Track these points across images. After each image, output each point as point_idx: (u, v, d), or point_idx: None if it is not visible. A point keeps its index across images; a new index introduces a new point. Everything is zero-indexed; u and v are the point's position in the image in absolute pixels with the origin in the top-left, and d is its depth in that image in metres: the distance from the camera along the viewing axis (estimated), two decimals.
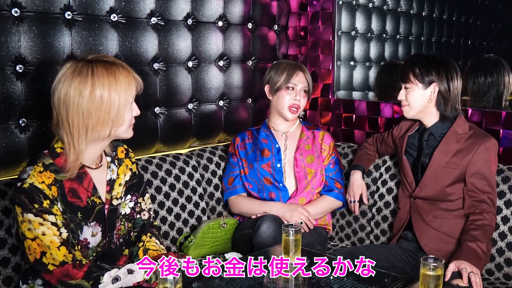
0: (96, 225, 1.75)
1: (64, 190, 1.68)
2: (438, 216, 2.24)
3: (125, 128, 1.71)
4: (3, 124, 2.09)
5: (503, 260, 2.28)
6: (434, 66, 2.20)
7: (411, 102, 2.24)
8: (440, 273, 1.58)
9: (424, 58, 2.23)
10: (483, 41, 2.93)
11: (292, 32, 3.15)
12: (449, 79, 2.21)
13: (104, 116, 1.64)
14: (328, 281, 1.76)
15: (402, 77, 2.26)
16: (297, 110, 2.52)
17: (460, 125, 2.23)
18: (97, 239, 1.76)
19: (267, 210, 2.43)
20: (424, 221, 2.26)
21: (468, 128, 2.23)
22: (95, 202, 1.75)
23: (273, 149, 2.55)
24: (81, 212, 1.71)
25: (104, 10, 2.32)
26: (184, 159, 2.58)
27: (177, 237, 2.47)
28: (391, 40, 3.14)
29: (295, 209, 2.42)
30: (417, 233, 2.26)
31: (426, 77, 2.20)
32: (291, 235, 1.81)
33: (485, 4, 2.93)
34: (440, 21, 3.10)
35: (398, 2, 3.11)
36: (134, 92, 1.71)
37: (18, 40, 2.09)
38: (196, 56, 2.69)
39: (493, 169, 2.19)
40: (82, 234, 1.72)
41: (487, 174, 2.16)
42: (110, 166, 1.82)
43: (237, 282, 1.74)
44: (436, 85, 2.20)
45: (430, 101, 2.22)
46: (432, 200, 2.26)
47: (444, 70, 2.21)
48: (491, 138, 2.18)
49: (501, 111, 2.47)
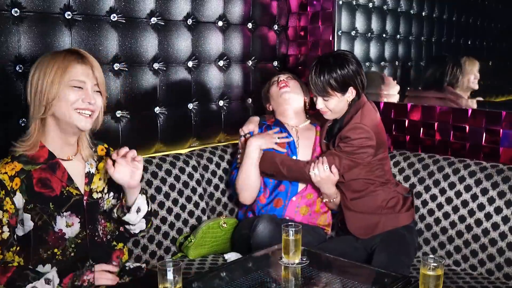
0: (72, 215, 1.77)
1: (31, 180, 1.70)
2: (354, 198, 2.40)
3: (65, 111, 1.71)
4: (3, 123, 2.09)
5: (503, 260, 2.28)
6: (346, 71, 2.28)
7: (332, 109, 2.36)
8: (440, 273, 1.58)
9: (331, 66, 2.29)
10: (483, 41, 2.92)
11: (292, 32, 3.15)
12: (361, 74, 2.33)
13: (39, 96, 1.69)
14: (328, 281, 1.76)
15: (318, 92, 2.33)
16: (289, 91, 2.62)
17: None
18: (74, 230, 1.78)
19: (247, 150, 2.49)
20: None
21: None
22: (71, 193, 1.78)
23: (288, 142, 2.57)
24: (52, 203, 1.74)
25: (104, 10, 2.32)
26: (184, 159, 2.58)
27: (177, 237, 2.46)
28: (391, 40, 3.14)
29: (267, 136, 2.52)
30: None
31: (344, 86, 2.30)
32: (291, 235, 1.81)
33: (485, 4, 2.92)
34: (440, 21, 3.10)
35: (398, 2, 3.11)
36: (77, 76, 1.71)
37: (18, 40, 2.09)
38: (196, 56, 2.69)
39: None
40: (56, 225, 1.74)
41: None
42: (88, 160, 1.85)
43: (237, 282, 1.74)
44: (354, 87, 2.31)
45: (348, 101, 2.35)
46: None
47: (354, 69, 2.31)
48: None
49: (501, 111, 2.47)
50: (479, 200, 2.36)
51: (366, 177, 2.38)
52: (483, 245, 2.33)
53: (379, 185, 2.39)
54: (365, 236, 2.37)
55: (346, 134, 2.30)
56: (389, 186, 2.42)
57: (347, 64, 2.30)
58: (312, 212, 2.54)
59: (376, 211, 2.38)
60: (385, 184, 2.41)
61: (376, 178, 2.39)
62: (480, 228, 2.35)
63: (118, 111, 2.43)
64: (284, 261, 1.83)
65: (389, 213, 2.37)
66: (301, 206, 2.52)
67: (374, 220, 2.37)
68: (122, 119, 2.44)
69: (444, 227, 2.45)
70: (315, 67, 2.33)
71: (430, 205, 2.49)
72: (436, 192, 2.49)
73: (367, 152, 2.30)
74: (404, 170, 2.60)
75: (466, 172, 2.43)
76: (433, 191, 2.50)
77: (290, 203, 2.50)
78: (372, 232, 2.36)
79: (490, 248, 2.31)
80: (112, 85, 2.39)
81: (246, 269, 1.92)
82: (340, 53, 2.38)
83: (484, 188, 2.36)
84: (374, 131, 2.30)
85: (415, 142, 2.76)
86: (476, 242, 2.35)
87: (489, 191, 2.35)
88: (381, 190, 2.39)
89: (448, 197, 2.45)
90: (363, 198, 2.40)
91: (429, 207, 2.49)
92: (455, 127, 2.61)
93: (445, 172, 2.49)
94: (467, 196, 2.40)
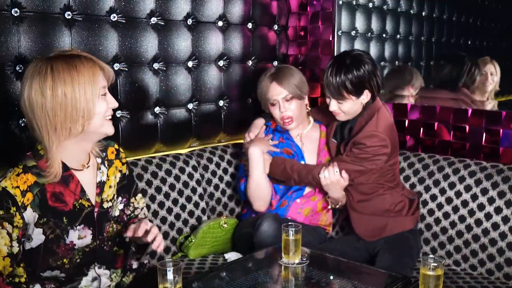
0: (85, 228, 1.71)
1: (45, 194, 1.61)
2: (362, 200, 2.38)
3: (100, 122, 1.63)
4: (3, 124, 2.09)
5: (503, 260, 2.28)
6: (362, 72, 2.22)
7: (346, 111, 2.31)
8: (440, 273, 1.58)
9: (346, 68, 2.22)
10: (483, 41, 2.92)
11: (292, 32, 3.15)
12: (376, 76, 2.27)
13: (72, 113, 1.56)
14: (328, 281, 1.76)
15: (333, 94, 2.26)
16: (291, 119, 2.49)
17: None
18: (86, 241, 1.72)
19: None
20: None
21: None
22: (83, 205, 1.70)
23: (293, 147, 2.54)
24: (66, 217, 1.66)
25: (104, 10, 2.32)
26: (184, 159, 2.58)
27: (177, 237, 2.46)
28: (391, 40, 3.14)
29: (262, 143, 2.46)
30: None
31: (359, 89, 2.24)
32: (291, 235, 1.81)
33: (485, 4, 2.92)
34: (440, 21, 3.10)
35: (398, 2, 3.11)
36: (102, 83, 1.62)
37: (18, 40, 2.09)
38: (196, 56, 2.69)
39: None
40: (68, 237, 1.67)
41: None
42: (100, 168, 1.77)
43: (237, 282, 1.74)
44: (369, 90, 2.26)
45: (363, 104, 2.30)
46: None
47: (370, 70, 2.24)
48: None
49: (501, 111, 2.47)
50: (479, 200, 2.36)
51: (376, 181, 2.35)
52: (483, 245, 2.33)
53: (388, 188, 2.38)
54: (372, 238, 2.36)
55: (362, 141, 2.26)
56: (397, 190, 2.40)
57: (363, 65, 2.23)
58: (314, 213, 2.54)
59: (384, 214, 2.36)
60: (394, 188, 2.39)
61: (386, 182, 2.37)
62: (480, 228, 2.35)
63: (118, 111, 2.42)
64: (284, 261, 1.83)
65: (396, 216, 2.36)
66: (304, 208, 2.51)
67: (381, 223, 2.36)
68: (122, 119, 2.44)
69: (444, 227, 2.45)
70: (330, 67, 2.26)
71: (430, 205, 2.49)
72: (436, 192, 2.49)
73: (381, 159, 2.28)
74: (404, 170, 2.60)
75: (466, 172, 2.43)
76: (433, 191, 2.50)
77: (293, 204, 2.50)
78: (380, 234, 2.35)
79: (490, 248, 2.31)
80: (112, 85, 2.38)
81: (246, 269, 1.92)
82: (356, 54, 2.29)
83: (484, 188, 2.36)
84: (389, 137, 2.27)
85: (415, 142, 2.76)
86: (476, 242, 2.35)
87: (489, 191, 2.35)
88: (389, 194, 2.37)
89: (448, 197, 2.45)
90: (371, 200, 2.38)
91: (429, 207, 2.49)
92: (455, 127, 2.62)
93: (445, 172, 2.49)
94: (467, 196, 2.40)
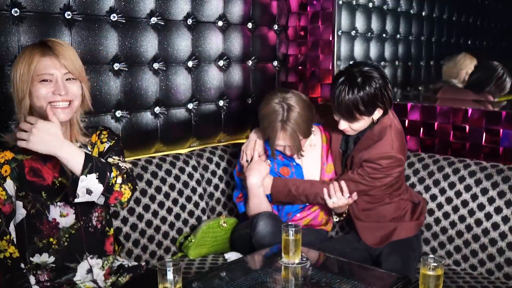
0: (66, 206, 1.77)
1: (23, 169, 1.71)
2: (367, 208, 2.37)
3: (42, 106, 1.66)
4: (3, 123, 2.09)
5: (503, 260, 2.28)
6: (374, 92, 2.11)
7: (357, 129, 2.24)
8: (440, 273, 1.58)
9: (357, 87, 2.10)
10: (483, 41, 2.92)
11: (292, 32, 3.15)
12: (387, 90, 2.17)
13: (17, 92, 1.68)
14: (328, 281, 1.76)
15: (344, 115, 2.17)
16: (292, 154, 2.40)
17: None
18: (69, 220, 1.78)
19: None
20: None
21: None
22: (64, 184, 1.76)
23: (292, 166, 2.46)
24: (45, 192, 1.74)
25: (104, 10, 2.32)
26: (184, 159, 2.58)
27: (177, 237, 2.46)
28: (391, 40, 3.14)
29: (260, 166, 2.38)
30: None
31: (371, 108, 2.16)
32: (291, 235, 1.81)
33: (485, 4, 2.92)
34: (440, 21, 3.10)
35: (398, 2, 3.11)
36: (43, 70, 1.66)
37: (18, 40, 2.09)
38: (196, 56, 2.69)
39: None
40: (50, 214, 1.74)
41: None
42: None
43: (237, 282, 1.74)
44: (381, 108, 2.19)
45: (375, 120, 2.22)
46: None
47: (381, 87, 2.13)
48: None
49: (501, 111, 2.47)
50: (479, 200, 2.36)
51: (384, 192, 2.34)
52: (483, 245, 2.33)
53: (395, 196, 2.37)
54: (380, 245, 2.34)
55: (377, 162, 2.21)
56: (403, 196, 2.39)
57: (374, 82, 2.12)
58: (314, 221, 2.53)
59: (390, 220, 2.36)
60: (400, 195, 2.38)
61: (393, 191, 2.35)
62: (480, 228, 2.35)
63: (118, 111, 2.43)
64: (284, 261, 1.83)
65: (403, 221, 2.36)
66: (304, 219, 2.50)
67: (388, 229, 2.34)
68: (122, 119, 2.44)
69: (444, 227, 2.45)
70: (340, 86, 2.13)
71: (430, 205, 2.49)
72: (436, 192, 2.49)
73: (393, 176, 2.26)
74: (404, 170, 2.59)
75: (466, 172, 2.43)
76: (433, 191, 2.50)
77: (293, 217, 2.49)
78: (387, 240, 2.33)
79: (490, 248, 2.31)
80: (112, 85, 2.39)
81: (246, 269, 1.92)
82: (365, 70, 2.14)
83: (484, 188, 2.36)
84: (404, 155, 2.26)
85: (415, 142, 2.76)
86: (476, 242, 2.35)
87: (489, 191, 2.35)
88: (395, 202, 2.37)
89: (448, 197, 2.45)
90: (376, 209, 2.37)
91: (429, 207, 2.49)
92: (455, 127, 2.62)
93: (445, 172, 2.49)
94: (467, 196, 2.40)
